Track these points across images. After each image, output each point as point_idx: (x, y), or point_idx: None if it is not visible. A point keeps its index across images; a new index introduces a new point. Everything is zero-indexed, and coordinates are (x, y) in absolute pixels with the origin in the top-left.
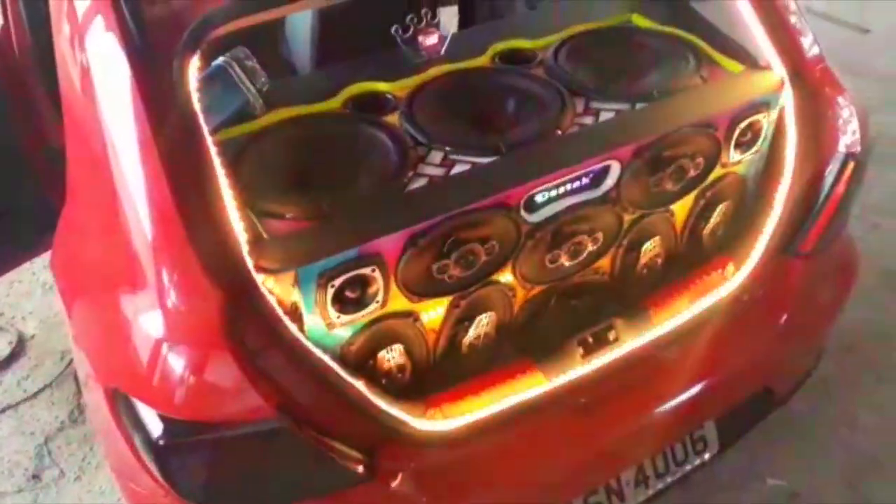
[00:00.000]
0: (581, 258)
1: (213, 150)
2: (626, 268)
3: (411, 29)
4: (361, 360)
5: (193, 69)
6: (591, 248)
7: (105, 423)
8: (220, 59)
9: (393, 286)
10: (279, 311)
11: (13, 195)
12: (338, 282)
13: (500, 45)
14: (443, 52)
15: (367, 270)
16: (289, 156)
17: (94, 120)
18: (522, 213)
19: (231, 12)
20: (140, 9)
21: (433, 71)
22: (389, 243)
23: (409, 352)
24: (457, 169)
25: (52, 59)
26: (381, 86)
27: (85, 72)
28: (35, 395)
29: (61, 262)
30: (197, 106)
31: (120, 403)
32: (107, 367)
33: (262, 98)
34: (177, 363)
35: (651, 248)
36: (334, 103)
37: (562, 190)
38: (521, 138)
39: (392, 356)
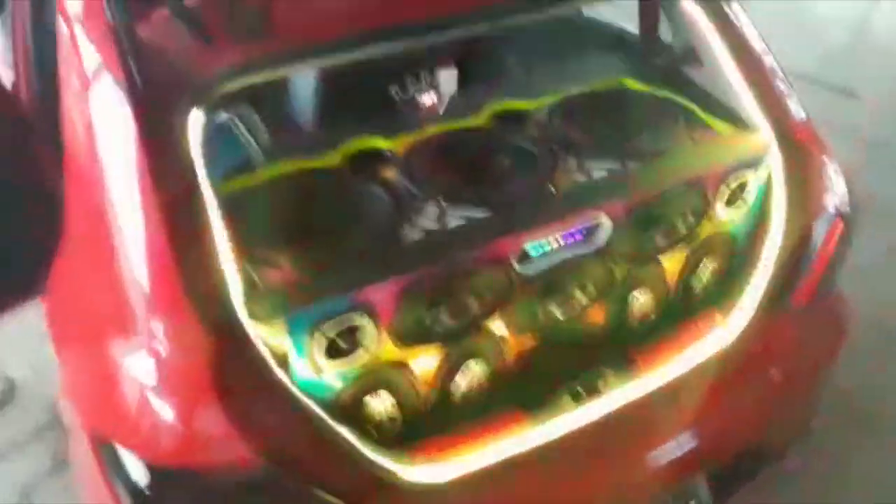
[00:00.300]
0: (573, 310)
1: (212, 203)
2: (618, 320)
3: (411, 89)
4: (351, 409)
5: (197, 125)
6: (582, 300)
7: (90, 473)
8: (225, 115)
9: (384, 335)
10: (270, 359)
11: (5, 240)
12: (328, 331)
13: (497, 105)
14: (441, 111)
15: (358, 319)
16: (286, 208)
17: (95, 171)
18: (515, 265)
19: (235, 73)
20: (147, 66)
21: (431, 129)
22: (381, 292)
23: (399, 401)
24: (452, 222)
25: (58, 112)
26: (381, 142)
27: (89, 124)
28: (22, 443)
29: (54, 309)
30: (198, 161)
31: (106, 453)
32: (95, 415)
33: (264, 152)
34: (165, 411)
35: (642, 301)
36: (334, 158)
37: (555, 244)
38: (515, 194)
39: (382, 405)
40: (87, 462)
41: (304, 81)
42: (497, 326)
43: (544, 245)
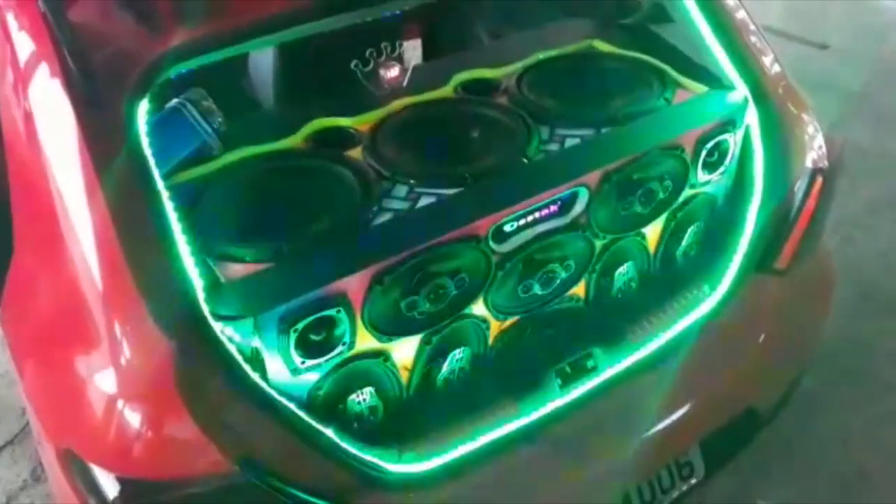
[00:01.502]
0: (554, 286)
1: (164, 195)
2: (601, 293)
3: (372, 63)
4: (331, 405)
5: (142, 112)
6: (563, 275)
7: (59, 485)
8: (175, 101)
9: (360, 326)
10: (239, 359)
11: None
12: (301, 325)
13: (463, 76)
14: (405, 84)
15: (331, 312)
16: (247, 196)
17: (38, 167)
18: (491, 243)
19: (179, 56)
20: (85, 54)
21: (396, 104)
22: (354, 282)
23: (380, 393)
24: (422, 202)
25: None
26: (343, 121)
27: (28, 118)
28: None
29: (10, 316)
30: (147, 150)
31: (73, 465)
32: (58, 426)
33: (220, 138)
34: (129, 420)
35: (625, 273)
36: (295, 140)
37: (530, 218)
38: (486, 168)
39: (363, 398)
40: (55, 474)
41: (259, 60)
42: (477, 308)
43: (520, 220)
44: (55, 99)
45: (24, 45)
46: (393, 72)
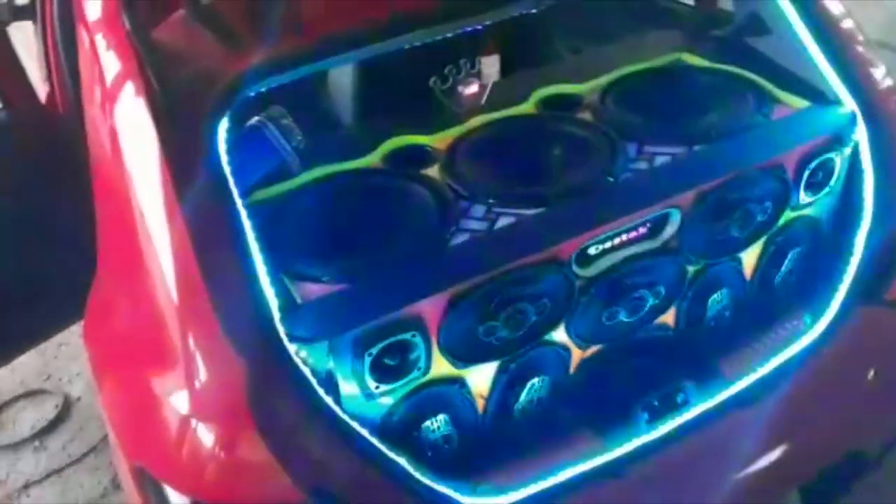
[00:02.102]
0: (641, 314)
1: (243, 214)
2: (692, 322)
3: (450, 79)
4: (404, 432)
5: (222, 131)
6: (652, 302)
7: (132, 500)
8: (255, 119)
9: (435, 351)
10: (313, 382)
11: (53, 261)
12: (375, 349)
13: (544, 91)
14: (483, 101)
15: (406, 336)
16: (325, 215)
17: (122, 185)
18: (575, 267)
19: (259, 75)
20: (167, 73)
21: (474, 121)
22: (430, 306)
23: (455, 421)
24: (501, 222)
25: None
26: (421, 138)
27: (113, 135)
28: (79, 459)
29: (91, 330)
30: (227, 169)
31: (146, 483)
32: (132, 443)
33: (299, 156)
34: (200, 442)
35: (718, 300)
36: (373, 158)
37: (617, 241)
38: (570, 187)
39: (437, 426)
40: (129, 488)
41: (339, 77)
42: (558, 335)
43: (605, 243)
44: (138, 117)
45: (111, 64)
46: (471, 88)
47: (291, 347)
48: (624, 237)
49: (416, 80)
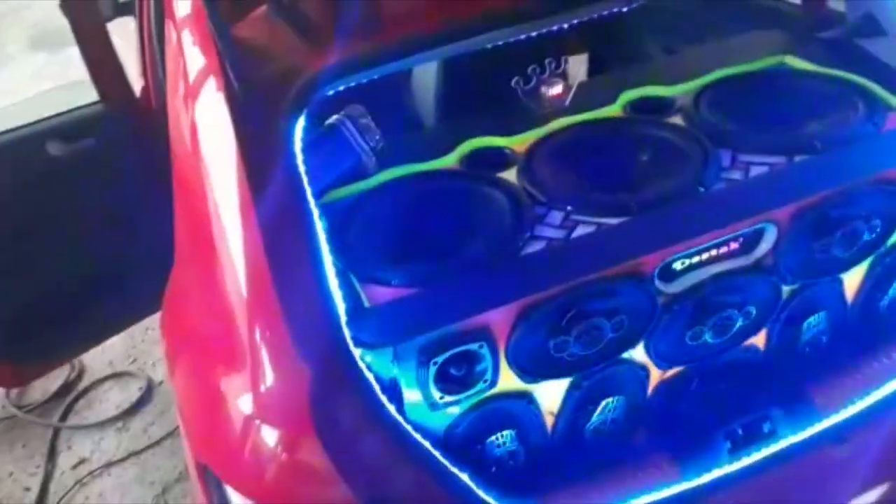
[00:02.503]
0: (729, 335)
1: (315, 214)
2: (785, 346)
3: (534, 80)
4: (468, 446)
5: (299, 129)
6: (741, 323)
7: (196, 494)
8: (334, 118)
9: (503, 364)
10: (377, 389)
11: (142, 249)
12: (441, 358)
13: (633, 93)
14: (568, 102)
15: (473, 346)
16: (399, 217)
17: (198, 181)
18: (658, 282)
19: (337, 73)
20: (247, 70)
21: (557, 123)
22: (499, 316)
23: (522, 437)
24: (579, 231)
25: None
26: (500, 140)
27: (193, 131)
28: (158, 442)
29: (167, 322)
30: (301, 168)
31: (209, 480)
32: (198, 440)
33: (376, 156)
34: (261, 444)
35: (815, 324)
36: (450, 160)
37: (705, 256)
38: (656, 196)
39: (503, 441)
40: (193, 481)
41: (420, 76)
42: (637, 354)
43: (693, 257)
44: (217, 113)
45: (194, 59)
46: (556, 89)
47: (356, 352)
48: (713, 252)
49: (499, 79)
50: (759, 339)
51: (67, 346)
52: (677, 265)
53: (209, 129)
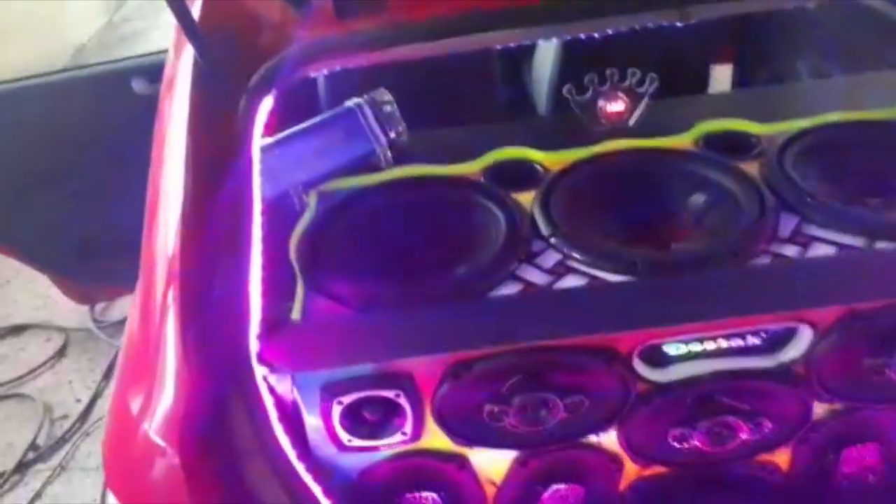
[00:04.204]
0: (727, 445)
1: (256, 209)
2: (816, 474)
3: (591, 90)
4: (383, 498)
5: (262, 113)
6: (746, 436)
7: None
8: (353, 100)
9: (429, 419)
10: (272, 416)
11: None
12: (347, 399)
13: (712, 125)
14: (632, 122)
15: (389, 393)
16: (385, 223)
17: (154, 166)
18: (639, 365)
19: (319, 54)
20: (214, 41)
21: (607, 145)
22: (424, 366)
23: (449, 502)
24: (567, 282)
25: None
26: (534, 154)
27: (160, 114)
28: None
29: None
30: (255, 157)
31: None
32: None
33: (394, 150)
34: (154, 464)
35: (860, 457)
36: (471, 167)
37: (711, 346)
38: (677, 258)
39: (425, 502)
40: None
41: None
42: (608, 441)
43: (692, 345)
44: (178, 88)
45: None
46: (615, 105)
47: (259, 371)
48: (723, 344)
49: (551, 83)
50: (780, 459)
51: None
52: (671, 349)
53: (169, 105)
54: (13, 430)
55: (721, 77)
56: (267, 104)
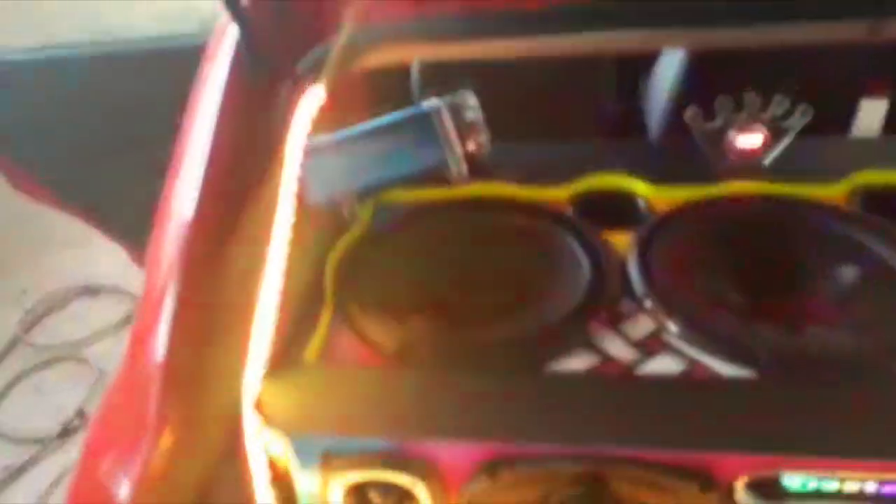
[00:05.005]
0: None
1: (287, 217)
2: None
3: (722, 116)
4: None
5: (310, 106)
6: None
7: None
8: (432, 102)
9: None
10: (265, 478)
11: None
12: (352, 478)
13: (871, 175)
14: (766, 161)
15: (404, 478)
16: (445, 247)
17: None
18: (744, 498)
19: (376, 39)
20: (258, 20)
21: (734, 186)
22: (452, 455)
23: None
24: (658, 364)
25: None
26: (638, 186)
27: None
28: None
29: None
30: (296, 155)
31: None
32: None
33: (472, 163)
34: None
35: None
36: (560, 192)
37: (854, 488)
38: (812, 351)
39: None
40: None
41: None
42: None
43: (826, 482)
44: (214, 71)
45: None
46: (751, 139)
47: (253, 423)
48: (871, 488)
49: (672, 101)
50: None
51: None
52: (792, 483)
53: (199, 97)
54: (66, 391)
55: (871, 114)
56: (315, 96)
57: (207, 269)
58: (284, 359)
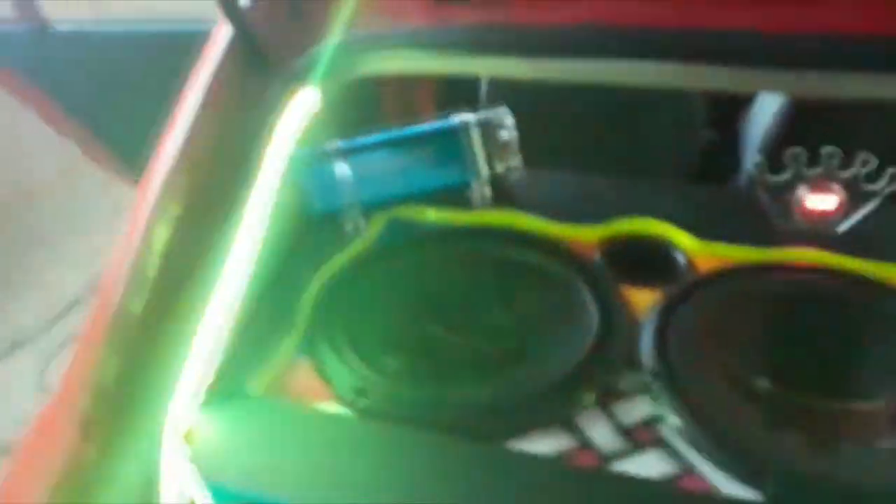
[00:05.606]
0: None
1: (258, 225)
2: None
3: (792, 170)
4: None
5: (302, 110)
6: None
7: None
8: (461, 116)
9: None
10: None
11: None
12: None
13: None
14: (840, 228)
15: None
16: (444, 279)
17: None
18: None
19: (378, 44)
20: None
21: (793, 253)
22: None
23: None
24: (644, 463)
25: None
26: (681, 238)
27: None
28: None
29: None
30: (279, 160)
31: None
32: None
33: (494, 187)
34: None
35: None
36: (589, 233)
37: None
38: (838, 482)
39: None
40: None
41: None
42: None
43: None
44: (205, 67)
45: None
46: (825, 200)
47: (179, 448)
48: None
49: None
50: None
51: None
52: None
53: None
54: None
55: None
56: (308, 99)
57: (159, 279)
58: (228, 385)
